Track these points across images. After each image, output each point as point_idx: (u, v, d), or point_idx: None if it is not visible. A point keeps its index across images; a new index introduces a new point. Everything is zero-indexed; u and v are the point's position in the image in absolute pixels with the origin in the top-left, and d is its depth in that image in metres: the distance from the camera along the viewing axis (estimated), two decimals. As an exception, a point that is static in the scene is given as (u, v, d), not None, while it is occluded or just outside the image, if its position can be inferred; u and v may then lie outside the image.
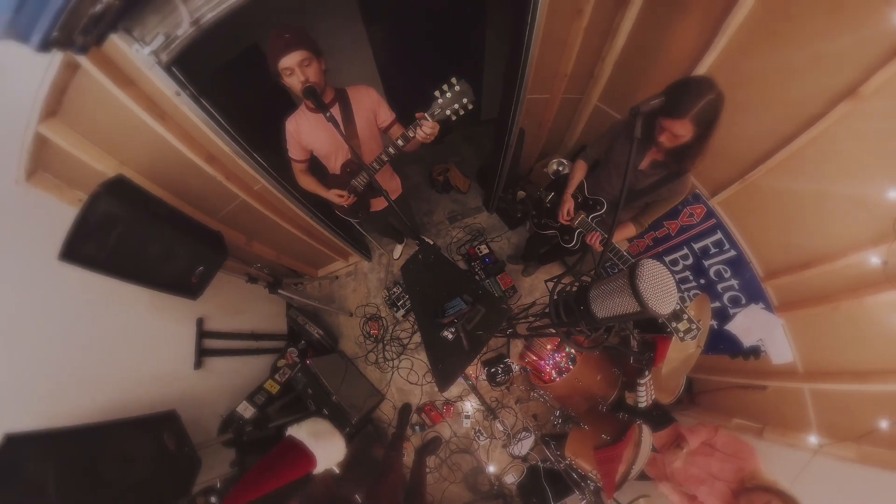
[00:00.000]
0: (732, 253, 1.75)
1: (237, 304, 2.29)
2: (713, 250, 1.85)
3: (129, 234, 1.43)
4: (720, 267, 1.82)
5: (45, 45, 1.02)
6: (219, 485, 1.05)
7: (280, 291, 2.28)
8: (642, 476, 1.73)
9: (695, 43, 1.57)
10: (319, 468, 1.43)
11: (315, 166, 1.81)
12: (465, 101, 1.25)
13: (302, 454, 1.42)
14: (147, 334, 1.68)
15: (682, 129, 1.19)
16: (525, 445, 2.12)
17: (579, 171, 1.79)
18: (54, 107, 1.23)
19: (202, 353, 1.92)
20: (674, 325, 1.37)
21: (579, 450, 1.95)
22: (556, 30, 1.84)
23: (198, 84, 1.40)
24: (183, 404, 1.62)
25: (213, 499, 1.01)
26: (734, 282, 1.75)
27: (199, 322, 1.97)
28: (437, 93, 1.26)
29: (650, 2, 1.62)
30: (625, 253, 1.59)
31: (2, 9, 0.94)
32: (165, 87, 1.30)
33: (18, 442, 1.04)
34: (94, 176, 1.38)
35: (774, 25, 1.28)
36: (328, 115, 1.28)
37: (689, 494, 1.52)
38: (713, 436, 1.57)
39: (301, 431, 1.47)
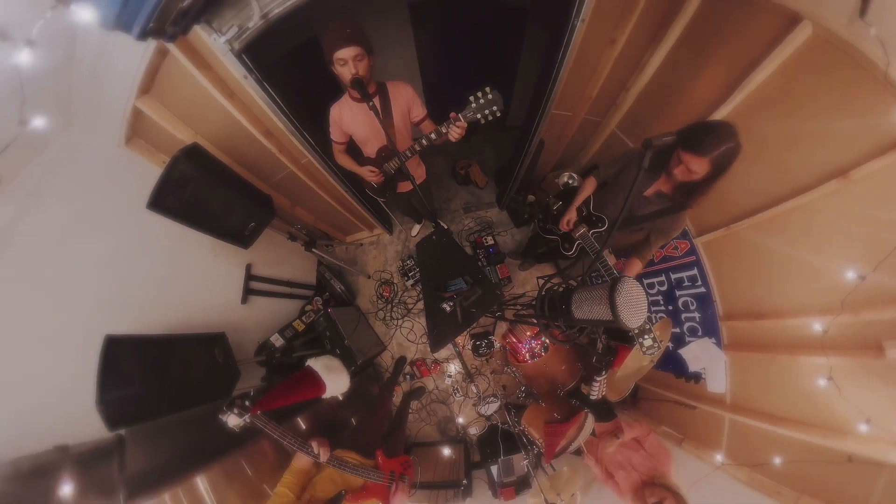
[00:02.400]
0: (702, 290, 1.74)
1: (278, 257, 2.47)
2: (686, 283, 1.84)
3: (200, 191, 1.55)
4: (688, 299, 1.82)
5: (143, 35, 1.09)
6: (252, 393, 1.24)
7: (314, 250, 2.42)
8: (576, 451, 1.88)
9: (715, 92, 1.47)
10: (327, 395, 1.53)
11: (352, 148, 1.86)
12: (494, 108, 1.26)
13: (315, 381, 1.52)
14: (208, 273, 1.88)
15: (699, 167, 1.15)
16: (491, 408, 2.29)
17: (588, 187, 1.74)
18: (148, 85, 1.33)
19: (248, 292, 2.13)
20: (641, 339, 1.42)
21: (533, 421, 2.12)
22: (589, 55, 1.74)
23: (262, 70, 1.46)
24: (230, 329, 1.84)
25: (246, 402, 1.21)
26: (697, 315, 1.76)
27: (248, 267, 2.16)
28: (471, 98, 1.26)
29: (681, 46, 1.50)
30: (612, 267, 1.60)
31: (112, 5, 1.01)
32: (235, 70, 1.37)
33: (116, 342, 1.26)
34: (175, 143, 1.51)
35: (790, 93, 1.19)
36: (371, 104, 1.30)
37: (609, 472, 1.66)
38: (645, 435, 1.68)
39: (317, 364, 1.56)
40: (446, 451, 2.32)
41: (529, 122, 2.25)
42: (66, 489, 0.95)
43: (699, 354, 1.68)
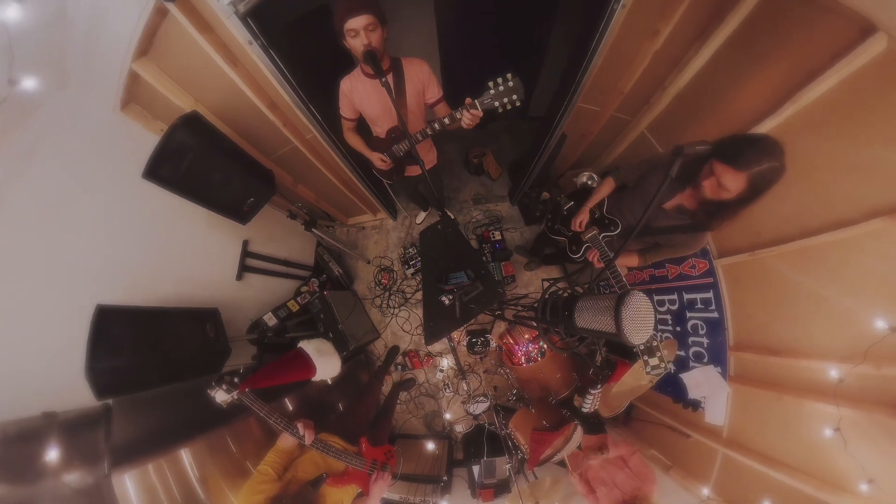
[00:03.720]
0: (715, 315, 1.69)
1: (277, 234, 2.48)
2: (699, 305, 1.79)
3: (198, 162, 1.53)
4: (699, 322, 1.78)
5: (141, -8, 1.05)
6: (241, 370, 1.29)
7: (314, 230, 2.42)
8: (561, 462, 1.92)
9: (762, 102, 1.35)
10: (317, 377, 1.58)
11: (362, 127, 1.82)
12: (514, 97, 1.21)
13: (306, 363, 1.57)
14: (203, 246, 1.90)
15: (734, 183, 1.03)
16: (480, 407, 2.34)
17: (605, 188, 1.65)
18: (145, 47, 1.29)
19: (243, 269, 2.16)
20: (646, 357, 1.40)
21: (521, 425, 2.16)
22: (626, 45, 1.62)
23: (268, 36, 1.41)
24: (223, 305, 1.89)
25: (235, 379, 1.25)
26: (705, 340, 1.72)
27: (245, 243, 2.19)
28: (490, 83, 1.21)
29: (731, 46, 1.37)
30: (623, 279, 1.55)
31: (106, -42, 0.97)
32: (239, 35, 1.32)
33: (107, 312, 1.30)
34: (174, 110, 1.48)
35: (848, 113, 1.09)
36: (383, 80, 1.25)
37: (591, 488, 1.69)
38: (630, 455, 1.69)
39: (309, 346, 1.61)
40: (430, 446, 2.39)
41: (553, 113, 2.16)
42: (52, 454, 1.01)
43: (701, 382, 1.66)
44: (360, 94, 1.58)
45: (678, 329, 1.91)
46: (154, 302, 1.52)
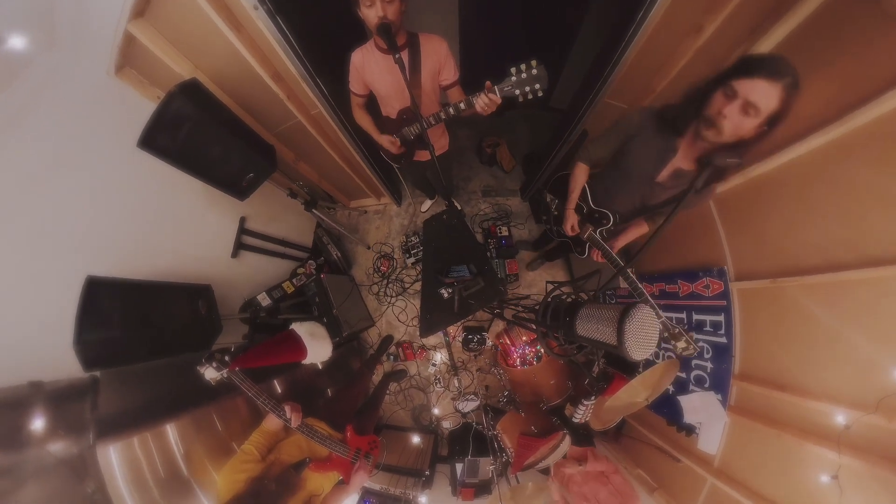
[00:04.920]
0: (723, 340, 1.66)
1: (275, 213, 2.47)
2: (708, 328, 1.75)
3: (196, 133, 1.51)
4: (705, 345, 1.75)
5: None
6: (232, 349, 1.32)
7: (314, 211, 2.41)
8: (544, 470, 1.96)
9: (807, 119, 1.26)
10: (307, 361, 1.61)
11: (372, 105, 1.77)
12: (536, 86, 1.16)
13: (297, 346, 1.60)
14: (199, 221, 1.91)
15: (767, 99, 0.86)
16: (469, 406, 2.38)
17: (580, 177, 1.48)
18: (143, 7, 1.24)
19: (239, 246, 2.17)
20: (673, 342, 1.36)
21: (509, 428, 2.20)
22: (664, 40, 1.52)
23: (276, 1, 1.34)
24: (217, 282, 1.91)
25: (226, 357, 1.28)
26: (709, 365, 1.70)
27: (242, 220, 2.19)
28: (512, 69, 1.16)
29: (782, 50, 1.26)
30: (641, 287, 1.47)
31: None
32: None
33: (97, 283, 1.32)
34: (172, 77, 1.45)
35: (902, 143, 1.00)
36: (397, 56, 1.20)
37: (565, 502, 1.73)
38: (611, 471, 1.72)
39: (301, 329, 1.64)
40: (415, 439, 2.46)
41: (576, 107, 2.07)
42: (38, 423, 1.05)
43: (699, 407, 1.65)
44: (371, 69, 1.52)
45: (682, 349, 1.88)
46: (146, 275, 1.54)
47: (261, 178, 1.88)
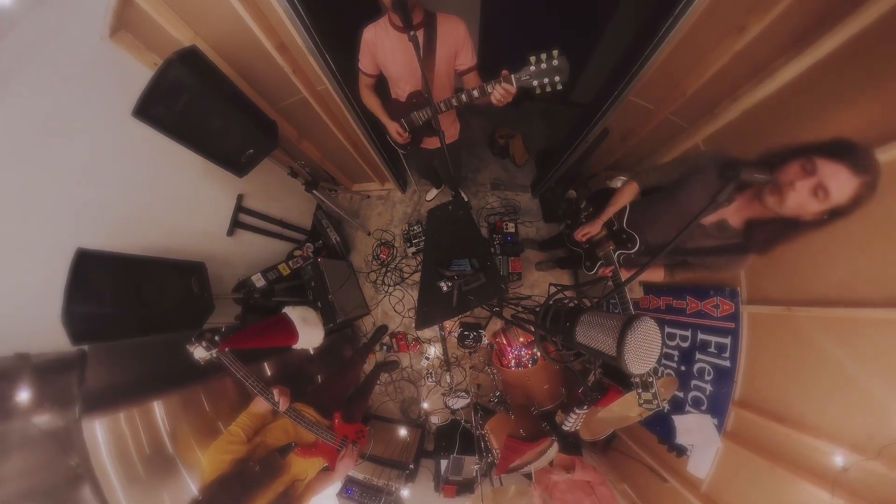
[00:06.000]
0: (727, 364, 1.64)
1: (274, 192, 2.45)
2: (712, 349, 1.74)
3: (194, 103, 1.48)
4: (707, 367, 1.74)
5: None
6: (223, 329, 1.33)
7: (315, 192, 2.38)
8: (528, 475, 2.00)
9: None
10: (298, 346, 1.64)
11: (380, 85, 1.72)
12: (557, 79, 1.12)
13: (289, 330, 1.63)
14: (195, 196, 1.89)
15: (842, 189, 0.84)
16: (459, 403, 2.42)
17: (627, 195, 1.47)
18: (140, -35, 1.19)
19: (236, 224, 2.16)
20: (640, 390, 1.38)
21: (497, 430, 2.23)
22: (701, 38, 1.44)
23: None
24: (210, 260, 1.90)
25: (216, 337, 1.30)
26: (709, 387, 1.69)
27: (240, 198, 2.17)
28: (532, 58, 1.12)
29: (833, 61, 1.18)
30: (630, 306, 1.46)
31: None
32: None
33: (88, 256, 1.31)
34: (170, 43, 1.40)
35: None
36: (412, 35, 1.13)
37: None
38: (597, 482, 1.75)
39: (294, 313, 1.66)
40: (402, 432, 2.52)
41: (598, 103, 2.00)
42: (24, 395, 1.08)
43: (693, 429, 1.66)
44: (383, 47, 1.47)
45: (682, 368, 1.88)
46: (138, 249, 1.54)
47: (261, 155, 1.85)
